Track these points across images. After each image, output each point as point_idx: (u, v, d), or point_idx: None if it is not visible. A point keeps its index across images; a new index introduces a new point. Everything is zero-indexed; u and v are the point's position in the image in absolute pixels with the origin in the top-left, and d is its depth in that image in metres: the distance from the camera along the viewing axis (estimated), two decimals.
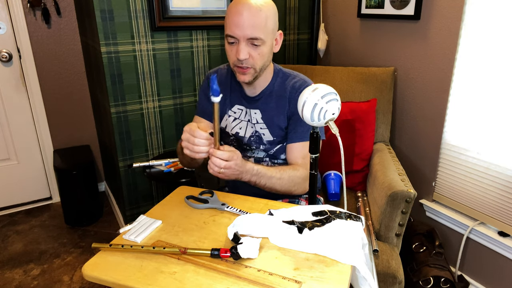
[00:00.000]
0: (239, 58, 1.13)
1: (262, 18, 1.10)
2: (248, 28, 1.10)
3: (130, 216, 2.11)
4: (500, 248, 1.57)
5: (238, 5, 1.11)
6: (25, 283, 1.88)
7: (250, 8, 1.09)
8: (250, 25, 1.09)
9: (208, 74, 1.39)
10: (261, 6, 1.11)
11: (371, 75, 1.86)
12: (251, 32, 1.10)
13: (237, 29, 1.10)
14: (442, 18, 1.63)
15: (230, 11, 1.13)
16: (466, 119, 1.63)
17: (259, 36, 1.11)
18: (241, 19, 1.09)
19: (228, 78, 1.32)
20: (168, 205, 1.06)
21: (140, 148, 2.02)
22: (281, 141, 1.28)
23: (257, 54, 1.14)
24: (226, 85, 1.33)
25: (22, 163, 2.54)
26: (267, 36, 1.14)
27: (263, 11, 1.11)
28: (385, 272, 1.31)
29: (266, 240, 0.88)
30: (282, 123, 1.25)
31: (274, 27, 1.17)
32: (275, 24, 1.17)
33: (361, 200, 1.63)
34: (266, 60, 1.19)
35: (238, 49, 1.13)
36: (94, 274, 0.80)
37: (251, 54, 1.14)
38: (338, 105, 0.94)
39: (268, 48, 1.17)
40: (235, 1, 1.13)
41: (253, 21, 1.09)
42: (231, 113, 1.31)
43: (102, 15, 1.73)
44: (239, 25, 1.10)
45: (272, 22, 1.15)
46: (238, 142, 1.32)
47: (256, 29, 1.10)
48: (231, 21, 1.11)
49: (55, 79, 2.47)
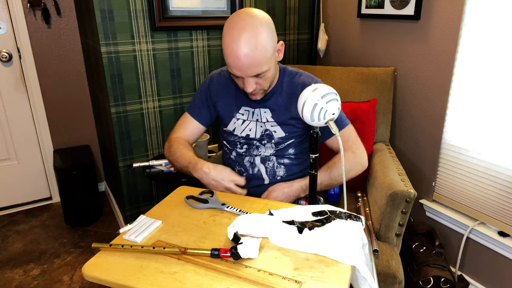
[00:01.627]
0: (247, 91, 1.15)
1: (260, 54, 1.06)
2: (250, 69, 1.08)
3: (130, 216, 2.11)
4: (500, 248, 1.57)
5: (234, 45, 1.05)
6: (25, 283, 1.88)
7: (246, 48, 1.04)
8: (250, 66, 1.07)
9: (211, 74, 1.39)
10: (256, 41, 1.05)
11: (371, 75, 1.86)
12: (253, 71, 1.09)
13: (239, 72, 1.10)
14: (442, 18, 1.63)
15: (227, 50, 1.08)
16: (466, 119, 1.63)
17: (262, 70, 1.10)
18: (240, 62, 1.06)
19: (232, 80, 1.32)
20: (168, 205, 1.06)
21: (140, 148, 2.02)
22: (293, 137, 1.28)
23: (263, 81, 1.15)
24: (230, 88, 1.33)
25: (22, 163, 2.54)
26: (270, 63, 1.12)
27: (259, 43, 1.05)
28: (385, 272, 1.31)
29: (266, 240, 0.88)
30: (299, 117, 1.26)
31: (274, 46, 1.12)
32: (274, 43, 1.12)
33: (361, 200, 1.63)
34: (273, 78, 1.21)
35: (244, 83, 1.13)
36: (94, 274, 0.80)
37: (258, 82, 1.15)
38: (338, 105, 0.94)
39: (273, 69, 1.17)
40: (228, 35, 1.07)
41: (252, 62, 1.06)
42: (239, 115, 1.31)
43: (102, 15, 1.73)
44: (240, 69, 1.09)
45: (271, 47, 1.10)
46: (247, 142, 1.32)
47: (258, 66, 1.08)
48: (230, 63, 1.09)
49: (55, 79, 2.47)
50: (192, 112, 1.38)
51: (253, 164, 1.32)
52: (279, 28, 2.27)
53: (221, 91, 1.34)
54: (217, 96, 1.34)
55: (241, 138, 1.32)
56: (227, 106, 1.33)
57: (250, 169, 1.32)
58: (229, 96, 1.32)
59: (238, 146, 1.33)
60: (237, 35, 1.05)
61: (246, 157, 1.32)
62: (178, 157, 1.27)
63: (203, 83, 1.39)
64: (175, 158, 1.28)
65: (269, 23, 1.10)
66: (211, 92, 1.35)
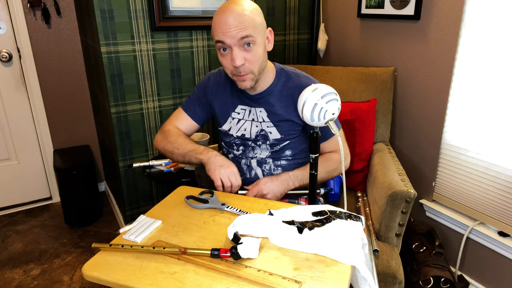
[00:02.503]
0: (235, 65, 1.12)
1: (248, 17, 1.10)
2: (236, 29, 1.09)
3: (130, 216, 2.11)
4: (500, 248, 1.57)
5: (222, 13, 1.10)
6: (25, 283, 1.88)
7: (233, 12, 1.09)
8: (237, 27, 1.08)
9: (208, 74, 1.39)
10: (244, 8, 1.11)
11: (371, 75, 1.86)
12: (241, 32, 1.09)
13: (226, 35, 1.09)
14: (442, 18, 1.63)
15: (215, 21, 1.12)
16: (466, 119, 1.63)
17: (249, 33, 1.10)
18: (227, 24, 1.08)
19: (229, 79, 1.32)
20: (168, 205, 1.06)
21: (140, 148, 2.02)
22: (288, 139, 1.28)
23: (252, 56, 1.13)
24: (226, 87, 1.33)
25: (22, 163, 2.54)
26: (257, 34, 1.12)
27: (246, 11, 1.10)
28: (385, 272, 1.31)
29: (266, 240, 0.88)
30: (298, 119, 1.26)
31: (263, 24, 1.16)
32: (262, 21, 1.16)
33: (361, 200, 1.63)
34: (262, 61, 1.18)
35: (232, 57, 1.12)
36: (94, 274, 0.80)
37: (246, 58, 1.13)
38: (338, 105, 0.94)
39: (262, 48, 1.16)
40: (217, 11, 1.13)
41: (239, 22, 1.08)
42: (234, 114, 1.31)
43: (102, 15, 1.73)
44: (227, 30, 1.09)
45: (259, 19, 1.14)
46: (243, 142, 1.32)
47: (245, 28, 1.09)
48: (219, 29, 1.10)
49: (55, 79, 2.47)
50: (186, 108, 1.38)
51: (250, 167, 1.32)
52: (279, 28, 2.27)
53: (217, 90, 1.34)
54: (214, 95, 1.34)
55: (236, 139, 1.32)
56: (223, 105, 1.33)
57: (247, 172, 1.32)
58: (226, 95, 1.33)
59: (234, 147, 1.33)
60: (226, 6, 1.11)
61: (243, 159, 1.32)
62: (180, 144, 1.27)
63: (199, 82, 1.39)
64: (176, 145, 1.28)
65: (258, 7, 1.16)
66: (207, 91, 1.36)
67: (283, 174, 1.25)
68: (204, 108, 1.37)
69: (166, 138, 1.32)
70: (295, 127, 1.27)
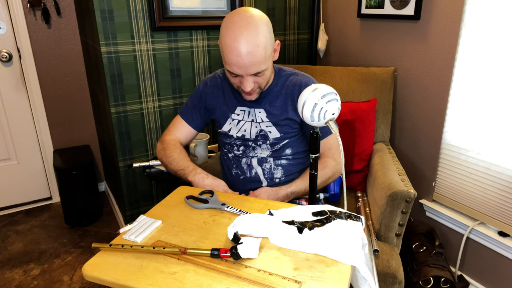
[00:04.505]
0: (245, 91, 1.15)
1: (261, 52, 1.07)
2: (250, 67, 1.08)
3: (130, 216, 2.11)
4: (500, 248, 1.57)
5: (234, 42, 1.05)
6: (25, 283, 1.88)
7: (247, 46, 1.05)
8: (251, 65, 1.08)
9: (205, 78, 1.39)
10: (257, 37, 1.06)
11: (371, 75, 1.86)
12: (254, 70, 1.10)
13: (239, 70, 1.10)
14: (442, 18, 1.63)
15: (226, 48, 1.08)
16: (466, 119, 1.63)
17: (262, 69, 1.11)
18: (241, 60, 1.07)
19: (226, 82, 1.33)
20: (168, 205, 1.06)
21: (140, 148, 2.02)
22: (288, 137, 1.29)
23: (261, 80, 1.16)
24: (224, 89, 1.33)
25: (22, 163, 2.54)
26: (269, 62, 1.14)
27: (260, 42, 1.06)
28: (385, 272, 1.31)
29: (266, 240, 0.88)
30: (296, 117, 1.26)
31: (272, 45, 1.13)
32: (272, 41, 1.13)
33: (361, 200, 1.63)
34: (270, 78, 1.22)
35: (243, 82, 1.13)
36: (94, 274, 0.80)
37: (256, 81, 1.15)
38: (338, 105, 0.94)
39: (270, 68, 1.17)
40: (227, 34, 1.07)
41: (253, 60, 1.07)
42: (234, 116, 1.31)
43: (102, 15, 1.73)
44: (241, 67, 1.09)
45: (270, 46, 1.11)
46: (243, 143, 1.32)
47: (258, 65, 1.09)
48: (231, 61, 1.08)
49: (55, 79, 2.47)
50: (184, 115, 1.39)
51: (250, 166, 1.32)
52: (279, 28, 2.27)
53: (215, 93, 1.34)
54: (211, 99, 1.35)
55: (237, 140, 1.32)
56: (222, 107, 1.33)
57: (248, 171, 1.32)
58: (224, 98, 1.33)
59: (234, 148, 1.34)
60: (238, 33, 1.05)
61: (243, 159, 1.32)
62: (175, 159, 1.28)
63: (196, 87, 1.40)
64: (170, 160, 1.29)
65: (268, 22, 1.12)
66: (204, 96, 1.36)
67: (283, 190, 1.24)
68: (202, 114, 1.38)
69: (164, 150, 1.33)
70: (293, 125, 1.28)
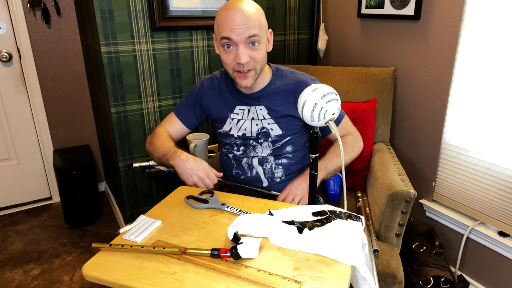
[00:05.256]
0: (241, 62, 1.12)
1: (254, 16, 1.11)
2: (244, 28, 1.10)
3: (130, 216, 2.11)
4: (500, 248, 1.57)
5: (229, 10, 1.11)
6: (25, 283, 1.88)
7: (241, 10, 1.10)
8: (245, 25, 1.10)
9: (202, 80, 1.39)
10: (250, 7, 1.12)
11: (371, 75, 1.86)
12: (248, 31, 1.10)
13: (233, 32, 1.10)
14: (442, 18, 1.63)
15: (221, 17, 1.13)
16: (466, 119, 1.63)
17: (256, 32, 1.11)
18: (235, 21, 1.09)
19: (223, 82, 1.33)
20: (168, 205, 1.06)
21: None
22: (290, 134, 1.29)
23: (257, 54, 1.15)
24: (222, 89, 1.33)
25: (22, 163, 2.54)
26: (263, 34, 1.15)
27: (253, 10, 1.12)
28: (385, 272, 1.31)
29: (266, 240, 0.88)
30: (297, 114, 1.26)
31: (266, 25, 1.18)
32: (265, 22, 1.18)
33: (361, 200, 1.63)
34: (264, 61, 1.20)
35: (237, 54, 1.12)
36: (94, 274, 0.80)
37: (251, 55, 1.14)
38: (338, 105, 0.94)
39: (265, 47, 1.19)
40: (223, 7, 1.14)
41: (247, 21, 1.10)
42: (233, 115, 1.31)
43: (102, 15, 1.73)
44: (235, 27, 1.09)
45: (263, 20, 1.16)
46: (244, 142, 1.32)
47: (252, 27, 1.10)
48: (226, 25, 1.11)
49: (55, 79, 2.47)
50: (178, 113, 1.39)
51: (251, 166, 1.32)
52: (279, 28, 2.27)
53: (213, 94, 1.34)
54: (209, 99, 1.35)
55: (237, 139, 1.32)
56: (221, 107, 1.33)
57: (248, 171, 1.32)
58: (222, 98, 1.33)
59: (235, 148, 1.33)
60: (234, 3, 1.12)
61: (244, 158, 1.32)
62: (158, 146, 1.27)
63: (193, 88, 1.40)
64: (154, 148, 1.28)
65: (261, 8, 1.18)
66: (200, 95, 1.36)
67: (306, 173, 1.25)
68: (196, 113, 1.38)
69: (151, 139, 1.33)
70: (295, 122, 1.28)
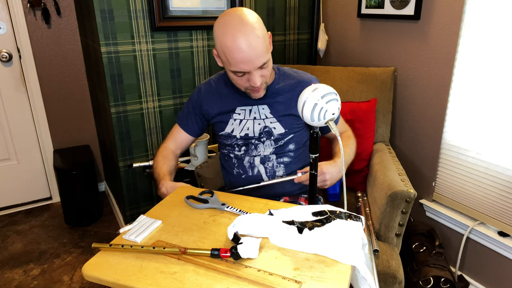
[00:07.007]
0: (255, 86, 1.15)
1: (262, 43, 1.09)
2: (256, 59, 1.09)
3: (130, 216, 2.11)
4: (500, 248, 1.57)
5: (235, 40, 1.06)
6: (25, 283, 1.88)
7: (249, 40, 1.06)
8: (257, 57, 1.09)
9: (199, 86, 1.40)
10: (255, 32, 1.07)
11: (371, 75, 1.86)
12: (260, 62, 1.10)
13: (246, 65, 1.10)
14: (442, 18, 1.63)
15: (229, 49, 1.08)
16: (466, 119, 1.63)
17: (266, 59, 1.12)
18: (246, 55, 1.07)
19: (222, 85, 1.34)
20: (168, 205, 1.06)
21: (140, 148, 2.02)
22: (292, 132, 1.30)
23: (267, 72, 1.17)
24: (220, 93, 1.33)
25: (22, 163, 2.54)
26: (269, 52, 1.15)
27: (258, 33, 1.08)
28: (385, 272, 1.31)
29: (266, 240, 0.88)
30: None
31: (267, 35, 1.15)
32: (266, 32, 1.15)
33: (361, 200, 1.63)
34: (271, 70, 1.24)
35: (250, 79, 1.14)
36: (94, 274, 0.80)
37: (262, 74, 1.16)
38: (338, 105, 0.94)
39: (270, 57, 1.18)
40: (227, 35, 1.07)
41: (256, 50, 1.08)
42: (235, 116, 1.31)
43: (102, 15, 1.73)
44: (248, 62, 1.09)
45: (266, 36, 1.13)
46: (246, 142, 1.32)
47: (263, 56, 1.10)
48: (236, 59, 1.09)
49: (55, 79, 2.47)
50: (180, 123, 1.41)
51: (253, 165, 1.32)
52: (279, 28, 2.27)
53: (210, 99, 1.35)
54: (209, 104, 1.35)
55: (239, 140, 1.32)
56: (222, 109, 1.33)
57: (250, 170, 1.32)
58: (221, 101, 1.33)
59: (236, 148, 1.34)
60: (237, 31, 1.07)
61: (246, 157, 1.33)
62: (155, 167, 1.32)
63: (191, 95, 1.41)
64: (155, 166, 1.33)
65: (258, 16, 1.15)
66: (199, 102, 1.36)
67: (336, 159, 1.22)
68: (197, 120, 1.39)
69: (156, 155, 1.37)
70: (298, 120, 1.29)
